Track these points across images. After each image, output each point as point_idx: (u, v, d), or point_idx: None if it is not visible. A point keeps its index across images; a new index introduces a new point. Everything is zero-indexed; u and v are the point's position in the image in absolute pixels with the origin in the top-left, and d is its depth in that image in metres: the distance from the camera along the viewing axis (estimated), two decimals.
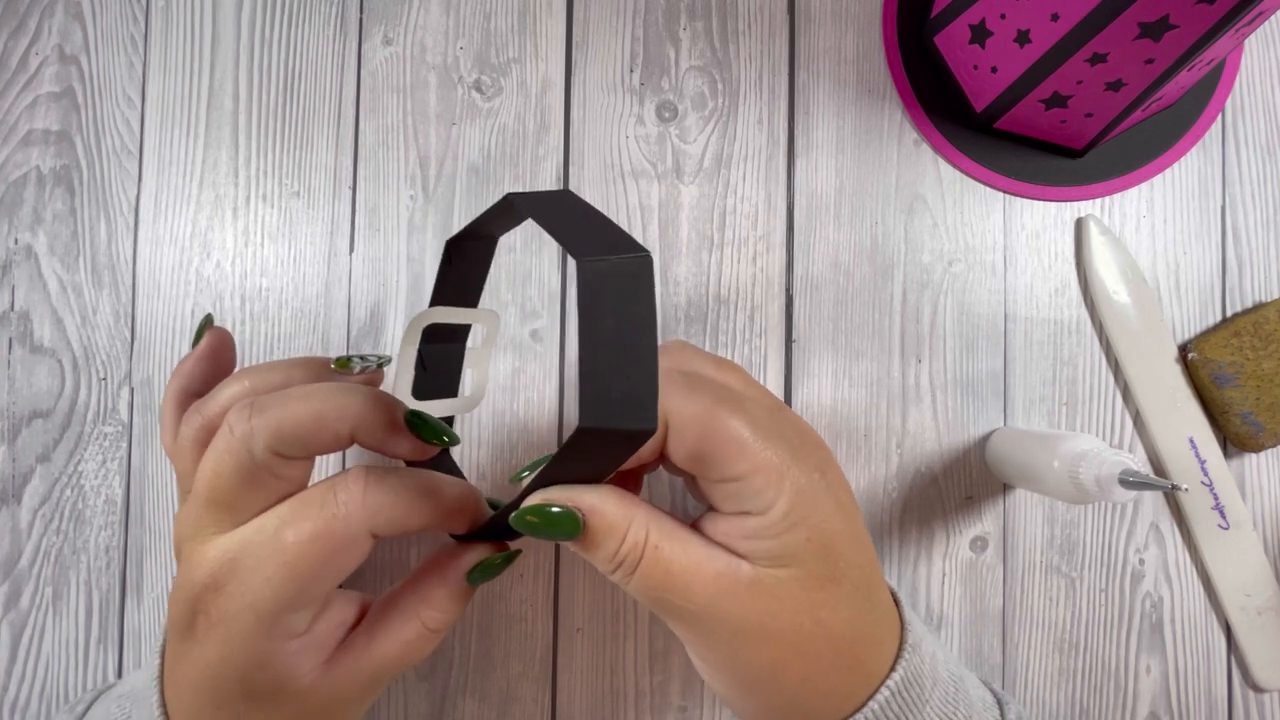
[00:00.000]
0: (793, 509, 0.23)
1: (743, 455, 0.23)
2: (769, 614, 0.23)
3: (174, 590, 0.25)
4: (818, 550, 0.23)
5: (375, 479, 0.24)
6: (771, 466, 0.23)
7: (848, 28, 0.39)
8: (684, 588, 0.23)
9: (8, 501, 0.37)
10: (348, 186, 0.38)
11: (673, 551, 0.23)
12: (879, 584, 0.26)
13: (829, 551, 0.24)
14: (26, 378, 0.37)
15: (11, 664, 0.37)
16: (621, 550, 0.23)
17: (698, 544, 0.24)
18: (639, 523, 0.23)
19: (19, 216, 0.38)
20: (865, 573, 0.25)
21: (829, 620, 0.24)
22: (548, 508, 0.23)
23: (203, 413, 0.26)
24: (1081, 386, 0.38)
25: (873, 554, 0.26)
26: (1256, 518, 0.38)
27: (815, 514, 0.23)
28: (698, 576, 0.23)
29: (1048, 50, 0.32)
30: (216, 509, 0.24)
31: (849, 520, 0.25)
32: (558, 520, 0.23)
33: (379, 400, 0.25)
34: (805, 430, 0.26)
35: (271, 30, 0.39)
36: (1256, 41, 0.39)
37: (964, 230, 0.39)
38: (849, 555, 0.24)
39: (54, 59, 0.38)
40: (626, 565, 0.23)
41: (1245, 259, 0.39)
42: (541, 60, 0.39)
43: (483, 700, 0.37)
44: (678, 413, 0.23)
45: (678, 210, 0.38)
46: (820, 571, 0.23)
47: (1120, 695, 0.37)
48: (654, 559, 0.23)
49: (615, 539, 0.23)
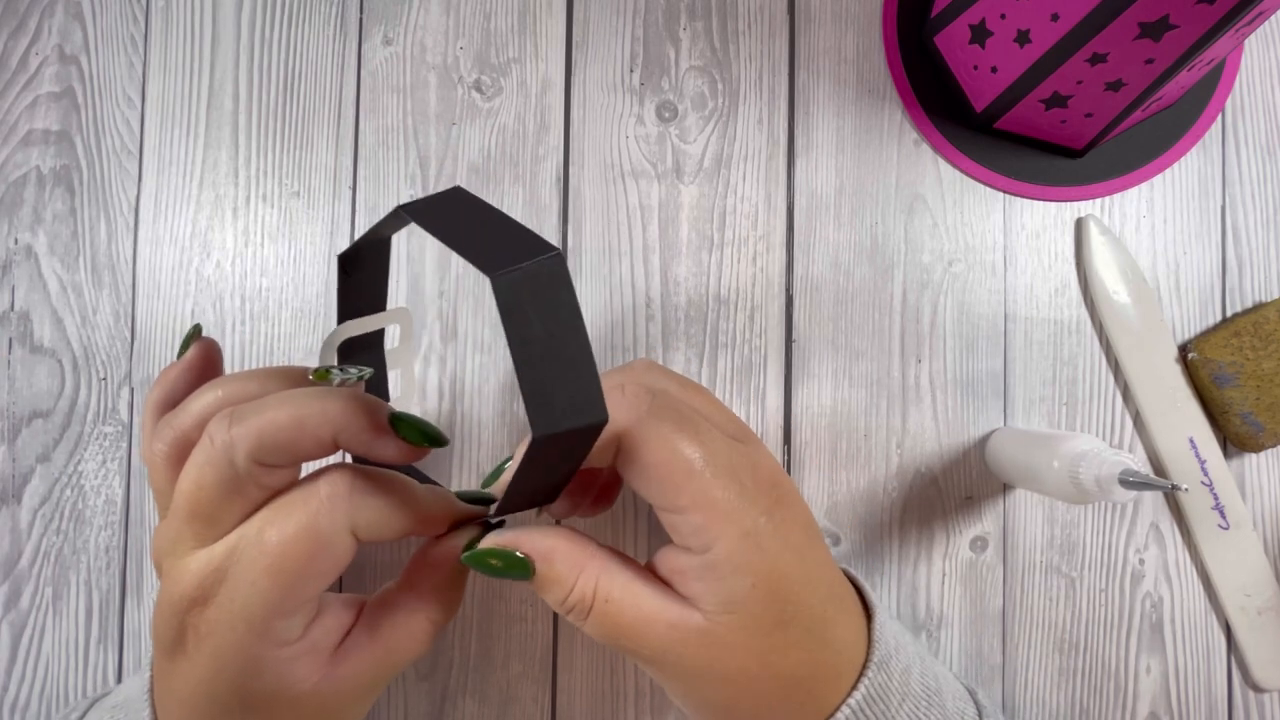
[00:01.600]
0: (734, 554, 0.23)
1: (686, 489, 0.23)
2: (718, 660, 0.24)
3: (158, 607, 0.24)
4: (763, 596, 0.24)
5: (358, 474, 0.24)
6: (716, 507, 0.23)
7: (848, 28, 0.39)
8: (636, 636, 0.24)
9: (8, 501, 0.37)
10: (348, 186, 0.38)
11: (622, 604, 0.24)
12: (834, 619, 0.26)
13: (775, 596, 0.24)
14: (26, 378, 0.37)
15: (11, 664, 0.37)
16: (570, 599, 0.24)
17: (649, 594, 0.24)
18: (588, 574, 0.24)
19: (19, 216, 0.38)
20: (817, 612, 0.25)
21: (778, 663, 0.24)
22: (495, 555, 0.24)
23: (174, 425, 0.25)
24: (1081, 386, 0.38)
25: (831, 588, 0.26)
26: (1256, 518, 0.38)
27: (759, 559, 0.23)
28: (650, 627, 0.24)
29: (1048, 50, 0.32)
30: (197, 521, 0.23)
31: (801, 560, 0.24)
32: (508, 565, 0.24)
33: (362, 402, 0.24)
34: (761, 465, 0.25)
35: (271, 30, 0.39)
36: (1256, 41, 0.39)
37: (964, 230, 0.39)
38: (798, 597, 0.24)
39: (54, 59, 0.38)
40: (577, 612, 0.24)
41: (1245, 259, 0.39)
42: (541, 60, 0.39)
43: (483, 700, 0.37)
44: (630, 432, 0.23)
45: (678, 210, 0.38)
46: (767, 617, 0.24)
47: (1120, 695, 0.37)
48: (603, 611, 0.24)
49: (563, 588, 0.24)
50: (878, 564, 0.37)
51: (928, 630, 0.37)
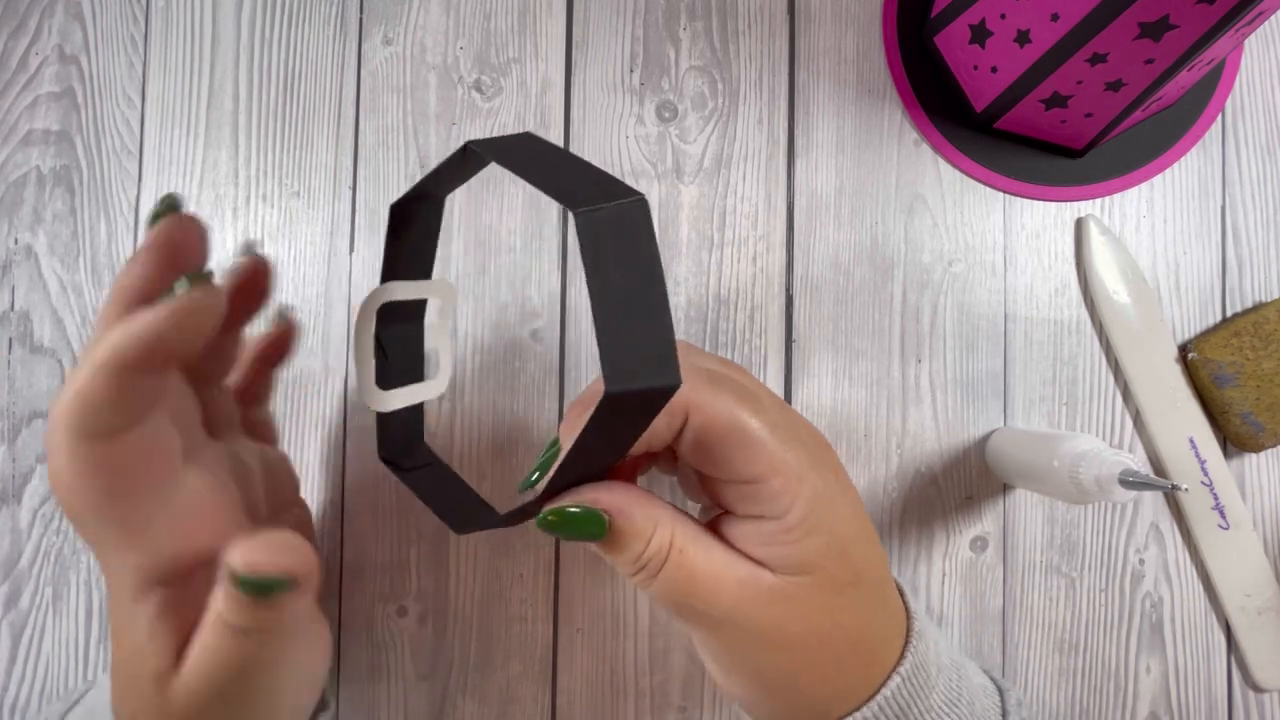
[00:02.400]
0: (810, 514, 0.23)
1: (761, 456, 0.23)
2: (790, 619, 0.23)
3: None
4: (836, 555, 0.23)
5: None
6: (790, 469, 0.23)
7: (848, 28, 0.39)
8: (707, 594, 0.23)
9: (8, 501, 0.37)
10: (348, 186, 0.38)
11: (696, 557, 0.23)
12: (890, 581, 0.26)
13: (846, 555, 0.24)
14: (26, 378, 0.37)
15: (11, 664, 0.37)
16: (646, 553, 0.23)
17: (720, 550, 0.23)
18: (664, 525, 0.23)
19: (19, 216, 0.38)
20: (879, 573, 0.25)
21: (848, 623, 0.24)
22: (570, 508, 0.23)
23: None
24: (1081, 386, 0.38)
25: (883, 553, 0.26)
26: (1256, 518, 0.38)
27: (831, 518, 0.23)
28: (721, 583, 0.23)
29: (1048, 50, 0.32)
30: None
31: (862, 522, 0.25)
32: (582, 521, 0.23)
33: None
34: (816, 433, 0.26)
35: (271, 30, 0.39)
36: (1256, 41, 0.39)
37: (964, 230, 0.39)
38: (865, 557, 0.24)
39: (54, 59, 0.38)
40: (650, 568, 0.23)
41: (1245, 259, 0.39)
42: (541, 60, 0.39)
43: (483, 700, 0.37)
44: (700, 407, 0.23)
45: (678, 210, 0.38)
46: (839, 576, 0.23)
47: (1120, 695, 0.37)
48: (678, 563, 0.23)
49: (641, 541, 0.23)
50: None
51: None
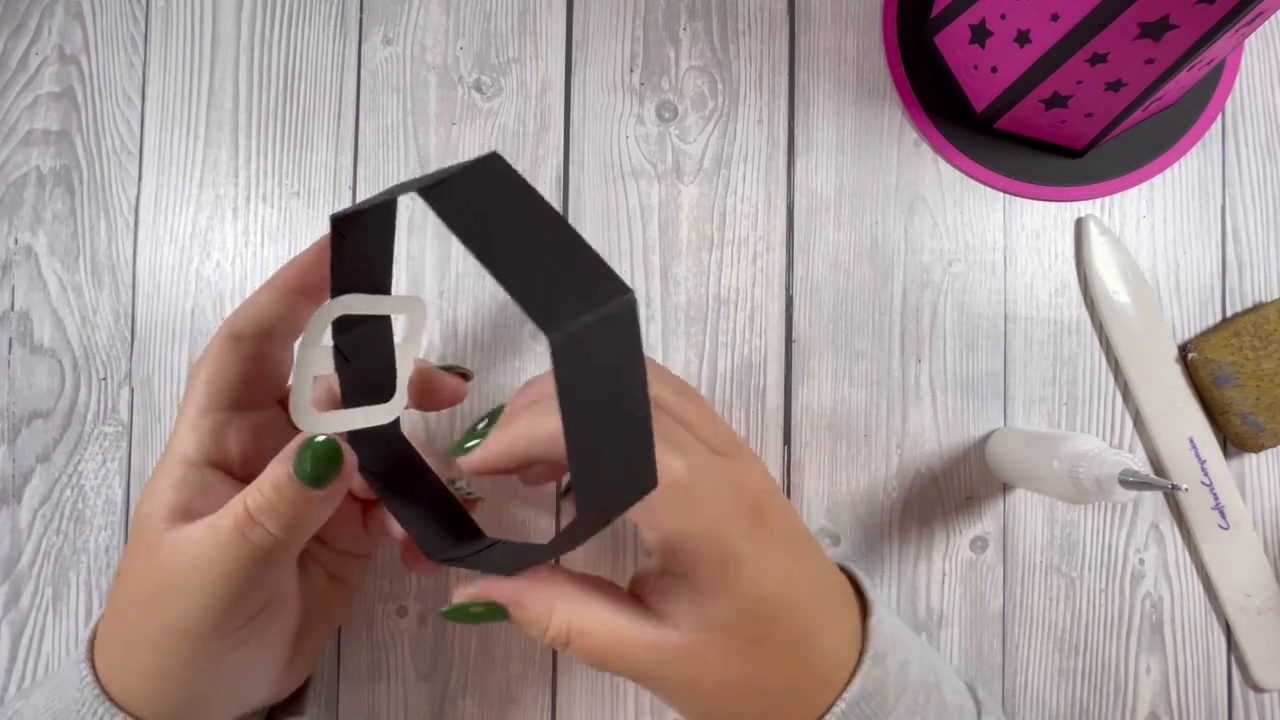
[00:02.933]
0: (712, 578, 0.23)
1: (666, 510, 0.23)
2: (700, 676, 0.24)
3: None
4: (740, 618, 0.24)
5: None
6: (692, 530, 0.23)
7: (848, 28, 0.39)
8: (619, 662, 0.24)
9: (8, 501, 0.37)
10: (348, 186, 0.38)
11: (594, 636, 0.24)
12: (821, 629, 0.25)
13: (753, 618, 0.24)
14: (26, 378, 0.37)
15: (11, 664, 0.37)
16: (547, 636, 0.25)
17: (624, 620, 0.24)
18: (561, 611, 0.24)
19: (19, 216, 0.38)
20: (800, 627, 0.25)
21: (757, 679, 0.24)
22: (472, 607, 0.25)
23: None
24: (1081, 386, 0.38)
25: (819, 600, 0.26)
26: (1256, 518, 0.38)
27: (738, 583, 0.23)
28: (630, 649, 0.24)
29: (1048, 50, 0.32)
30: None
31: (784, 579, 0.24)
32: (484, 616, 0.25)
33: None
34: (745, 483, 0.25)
35: (271, 30, 0.39)
36: (1256, 41, 0.39)
37: (964, 230, 0.39)
38: (779, 617, 0.24)
39: (54, 59, 0.38)
40: (558, 645, 0.25)
41: (1245, 259, 0.38)
42: (541, 60, 0.39)
43: (483, 700, 0.37)
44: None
45: (678, 210, 0.38)
46: (746, 635, 0.24)
47: (1120, 695, 0.37)
48: (580, 644, 0.24)
49: (538, 627, 0.25)
50: (878, 564, 0.37)
51: (928, 630, 0.37)
